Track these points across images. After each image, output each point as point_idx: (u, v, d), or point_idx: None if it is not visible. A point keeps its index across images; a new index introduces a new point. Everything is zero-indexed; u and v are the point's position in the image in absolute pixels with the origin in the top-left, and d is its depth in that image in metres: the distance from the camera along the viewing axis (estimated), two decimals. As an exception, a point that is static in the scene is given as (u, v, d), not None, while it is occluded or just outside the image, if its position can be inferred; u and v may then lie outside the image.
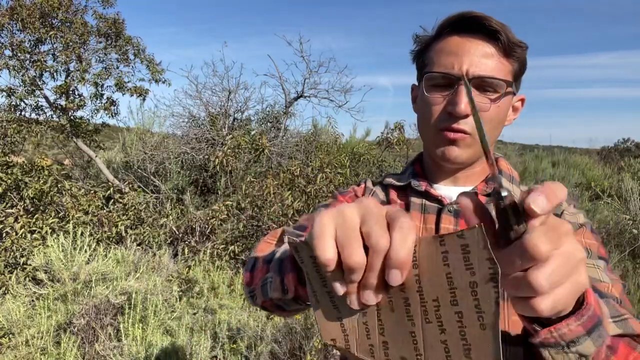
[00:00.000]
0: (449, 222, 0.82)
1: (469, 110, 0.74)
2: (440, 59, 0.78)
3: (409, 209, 0.86)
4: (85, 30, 5.23)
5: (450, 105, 0.76)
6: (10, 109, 5.33)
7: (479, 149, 0.79)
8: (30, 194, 4.26)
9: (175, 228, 4.59)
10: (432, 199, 0.85)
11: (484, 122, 0.76)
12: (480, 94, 0.77)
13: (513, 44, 0.77)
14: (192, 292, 3.61)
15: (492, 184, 0.84)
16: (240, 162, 5.20)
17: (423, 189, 0.85)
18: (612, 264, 3.65)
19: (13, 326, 3.02)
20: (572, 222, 0.79)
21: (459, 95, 0.75)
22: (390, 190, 0.93)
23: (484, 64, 0.76)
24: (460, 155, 0.79)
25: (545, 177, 8.09)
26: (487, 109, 0.77)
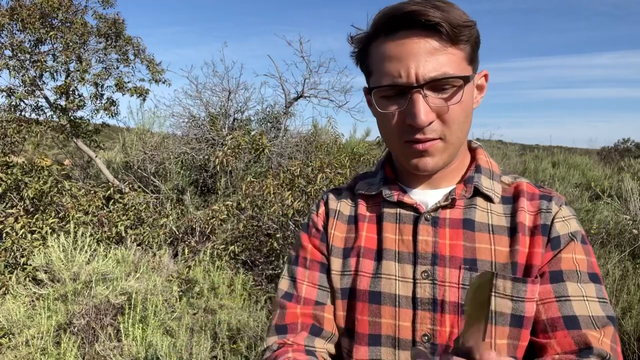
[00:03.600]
0: (426, 232, 0.76)
1: (431, 117, 0.69)
2: (385, 67, 0.70)
3: (381, 220, 0.80)
4: (85, 30, 5.23)
5: (409, 118, 0.69)
6: (10, 109, 5.33)
7: (455, 146, 0.74)
8: (30, 194, 4.26)
9: (175, 228, 4.59)
10: (407, 207, 0.79)
11: (448, 123, 0.70)
12: (437, 95, 0.70)
13: (458, 29, 0.68)
14: (192, 292, 3.61)
15: (470, 185, 0.78)
16: (240, 162, 5.20)
17: (395, 199, 0.79)
18: (612, 264, 3.65)
19: (13, 326, 3.02)
20: (562, 234, 0.73)
21: (415, 106, 0.68)
22: (360, 200, 0.85)
23: (433, 62, 0.68)
24: (436, 163, 0.73)
25: (545, 177, 8.09)
26: (447, 110, 0.70)
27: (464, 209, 0.77)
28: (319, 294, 0.81)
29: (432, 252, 0.74)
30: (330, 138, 6.91)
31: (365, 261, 0.78)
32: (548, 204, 0.77)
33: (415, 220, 0.77)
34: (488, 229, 0.75)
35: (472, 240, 0.74)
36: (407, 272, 0.74)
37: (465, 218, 0.76)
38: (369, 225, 0.81)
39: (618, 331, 0.73)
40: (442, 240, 0.75)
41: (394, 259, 0.76)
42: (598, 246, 4.32)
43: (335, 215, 0.85)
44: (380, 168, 0.88)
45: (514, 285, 0.70)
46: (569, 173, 8.47)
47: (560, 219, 0.75)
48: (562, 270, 0.71)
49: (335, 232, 0.83)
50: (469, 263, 0.73)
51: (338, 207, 0.86)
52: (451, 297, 0.71)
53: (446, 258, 0.73)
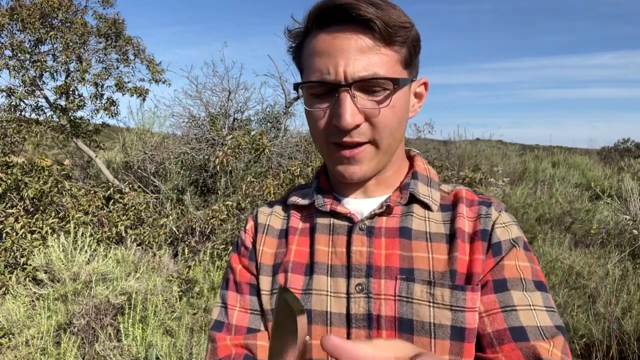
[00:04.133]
0: (361, 243, 0.71)
1: (358, 119, 0.64)
2: (314, 63, 0.66)
3: (314, 232, 0.75)
4: (85, 30, 5.23)
5: (335, 118, 0.65)
6: (10, 109, 5.33)
7: (385, 153, 0.70)
8: (30, 194, 4.26)
9: (175, 228, 4.59)
10: (341, 217, 0.75)
11: (379, 127, 0.66)
12: (368, 97, 0.65)
13: (393, 29, 0.64)
14: (192, 292, 3.61)
15: (406, 192, 0.74)
16: (240, 162, 5.20)
17: (328, 208, 0.75)
18: (612, 264, 3.65)
19: (13, 326, 3.02)
20: (503, 240, 0.69)
21: (342, 106, 0.64)
22: (293, 212, 0.81)
23: (363, 61, 0.63)
24: (364, 172, 0.69)
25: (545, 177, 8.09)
26: (377, 114, 0.65)
27: (400, 217, 0.73)
28: (251, 319, 0.76)
29: (366, 264, 0.69)
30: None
31: (294, 277, 0.73)
32: (487, 210, 0.73)
33: (349, 231, 0.73)
34: (426, 237, 0.71)
35: (408, 249, 0.70)
36: (340, 286, 0.70)
37: (401, 226, 0.72)
38: (300, 238, 0.77)
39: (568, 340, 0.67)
40: (377, 251, 0.70)
41: (325, 273, 0.71)
42: (598, 246, 4.32)
43: (265, 230, 0.80)
44: (315, 178, 0.83)
45: (452, 293, 0.66)
46: (569, 173, 8.47)
47: (501, 224, 0.72)
48: (505, 278, 0.67)
49: (264, 248, 0.78)
50: (406, 273, 0.68)
51: (268, 222, 0.81)
52: (387, 311, 0.66)
53: (382, 269, 0.69)
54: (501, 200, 5.66)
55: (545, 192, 5.33)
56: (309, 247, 0.75)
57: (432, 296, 0.66)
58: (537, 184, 6.78)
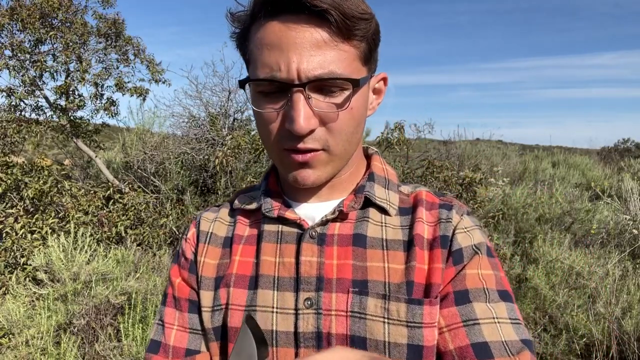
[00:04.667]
0: (311, 252, 0.64)
1: (313, 124, 0.58)
2: (263, 57, 0.58)
3: (260, 241, 0.68)
4: (85, 30, 5.23)
5: (288, 122, 0.58)
6: (10, 109, 5.33)
7: (341, 159, 0.64)
8: (30, 194, 4.26)
9: (175, 228, 4.59)
10: (290, 224, 0.68)
11: (334, 132, 0.60)
12: (324, 99, 0.59)
13: (352, 20, 0.57)
14: (192, 292, 3.61)
15: (361, 196, 0.67)
16: (240, 162, 5.20)
17: (275, 214, 0.68)
18: (612, 264, 3.65)
19: (13, 326, 3.02)
20: (465, 246, 0.64)
21: (295, 109, 0.57)
22: (239, 217, 0.74)
23: (319, 57, 0.56)
24: (318, 177, 0.63)
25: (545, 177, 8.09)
26: (335, 118, 0.59)
27: (355, 223, 0.67)
28: (190, 339, 0.68)
29: (316, 275, 0.63)
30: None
31: (237, 291, 0.66)
32: (448, 213, 0.67)
33: (298, 239, 0.66)
34: (382, 244, 0.65)
35: (362, 258, 0.64)
36: (287, 301, 0.63)
37: (355, 233, 0.66)
38: (245, 247, 0.70)
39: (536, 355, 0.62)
40: (328, 261, 0.64)
41: (272, 287, 0.64)
42: (598, 246, 4.32)
43: (207, 238, 0.73)
44: (263, 179, 0.76)
45: (408, 308, 0.60)
46: (569, 173, 8.47)
47: (462, 229, 0.66)
48: (467, 289, 0.61)
49: (206, 259, 0.71)
50: (359, 285, 0.62)
51: (211, 229, 0.74)
52: (338, 328, 0.60)
53: (333, 281, 0.62)
54: (501, 200, 5.66)
55: (545, 192, 5.33)
56: (254, 257, 0.68)
57: (387, 311, 0.60)
58: (537, 184, 6.78)
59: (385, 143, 6.23)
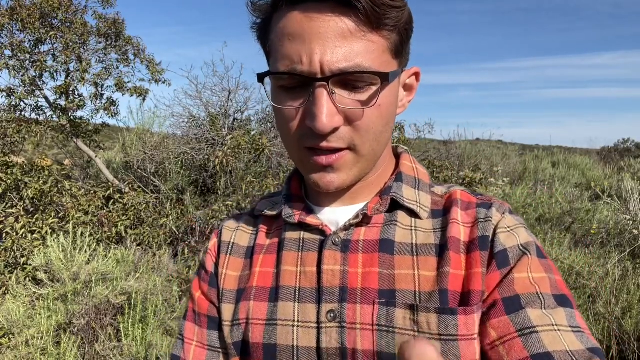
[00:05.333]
0: (333, 260, 0.59)
1: (337, 122, 0.53)
2: (284, 48, 0.54)
3: (282, 249, 0.64)
4: (85, 30, 5.23)
5: (309, 119, 0.54)
6: (10, 109, 5.33)
7: (368, 160, 0.59)
8: (30, 194, 4.26)
9: (175, 228, 4.59)
10: (312, 230, 0.63)
11: (361, 131, 0.55)
12: (349, 95, 0.54)
13: (382, 8, 0.52)
14: (192, 292, 3.61)
15: (387, 197, 0.62)
16: (240, 162, 5.20)
17: (296, 219, 0.63)
18: (612, 264, 3.65)
19: (13, 326, 3.02)
20: (510, 247, 0.57)
21: (317, 105, 0.52)
22: (262, 225, 0.69)
23: (344, 49, 0.52)
24: (343, 181, 0.58)
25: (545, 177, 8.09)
26: (360, 116, 0.54)
27: (382, 228, 0.61)
28: (208, 356, 0.65)
29: (339, 285, 0.58)
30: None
31: (257, 305, 0.62)
32: (487, 212, 0.60)
33: (320, 246, 0.61)
34: (411, 250, 0.59)
35: (390, 266, 0.58)
36: (309, 314, 0.58)
37: (382, 238, 0.60)
38: (265, 257, 0.65)
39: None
40: (352, 269, 0.58)
41: (292, 299, 0.60)
42: (598, 246, 4.32)
43: (229, 249, 0.69)
44: (286, 183, 0.71)
45: (439, 319, 0.53)
46: (569, 173, 8.48)
47: (505, 228, 0.59)
48: (518, 294, 0.54)
49: (228, 271, 0.67)
50: (386, 295, 0.56)
51: (232, 239, 0.70)
52: (364, 343, 0.55)
53: (357, 292, 0.57)
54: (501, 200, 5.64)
55: (545, 192, 5.33)
56: (274, 267, 0.64)
57: (417, 324, 0.54)
58: (537, 184, 6.79)
59: (385, 143, 6.22)
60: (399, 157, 0.70)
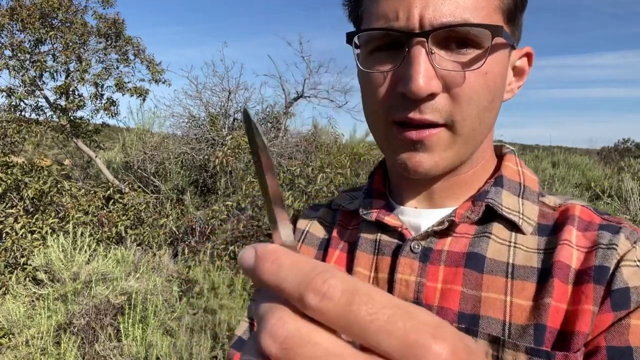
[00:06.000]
0: (409, 269, 0.51)
1: (434, 86, 0.45)
2: (380, 6, 0.48)
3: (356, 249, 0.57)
4: (85, 30, 5.23)
5: (402, 83, 0.46)
6: (10, 109, 5.33)
7: (467, 142, 0.50)
8: (30, 194, 4.26)
9: (175, 228, 4.59)
10: (390, 232, 0.55)
11: (461, 101, 0.47)
12: (451, 56, 0.47)
13: None
14: (192, 292, 3.61)
15: (481, 203, 0.53)
16: (240, 162, 5.20)
17: (373, 217, 0.56)
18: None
19: (13, 326, 3.02)
20: (634, 286, 0.45)
21: (413, 64, 0.45)
22: (340, 219, 0.63)
23: (449, 3, 0.45)
24: (435, 164, 0.49)
25: (545, 177, 8.10)
26: (461, 81, 0.46)
27: (472, 239, 0.52)
28: None
29: (413, 299, 0.50)
30: (330, 138, 6.92)
31: None
32: (612, 237, 0.48)
33: (396, 251, 0.54)
34: (506, 270, 0.49)
35: (476, 285, 0.49)
36: None
37: (470, 252, 0.51)
38: (340, 254, 0.59)
39: None
40: (431, 283, 0.51)
41: None
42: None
43: (302, 237, 0.64)
44: (369, 177, 0.65)
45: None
46: (569, 173, 8.48)
47: (633, 262, 0.46)
48: (630, 346, 0.43)
49: None
50: (467, 321, 0.48)
51: (307, 228, 0.65)
52: None
53: (432, 310, 0.49)
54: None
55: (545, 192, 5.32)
56: (347, 266, 0.58)
57: None
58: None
59: (385, 143, 6.24)
60: (501, 158, 0.60)
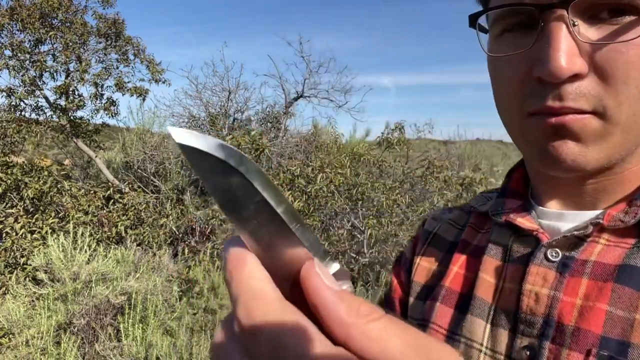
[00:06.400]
0: (542, 279, 0.43)
1: (577, 66, 0.37)
2: None
3: (484, 253, 0.51)
4: (85, 30, 5.23)
5: (537, 65, 0.39)
6: (10, 109, 5.33)
7: (625, 133, 0.40)
8: (30, 194, 4.26)
9: (175, 228, 4.59)
10: (524, 236, 0.47)
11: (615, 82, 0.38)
12: (599, 26, 0.38)
13: None
14: (192, 292, 3.61)
15: (638, 206, 0.42)
16: (240, 162, 5.20)
17: (504, 219, 0.49)
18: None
19: (13, 326, 3.02)
20: None
21: (551, 41, 0.38)
22: (473, 221, 0.57)
23: None
24: (583, 155, 0.40)
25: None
26: (615, 59, 0.37)
27: (629, 250, 0.42)
28: None
29: (543, 315, 0.42)
30: (330, 138, 6.92)
31: (442, 309, 0.51)
32: None
33: (527, 259, 0.45)
34: None
35: (630, 305, 0.39)
36: (501, 342, 0.45)
37: (624, 264, 0.41)
38: (468, 257, 0.53)
39: None
40: (568, 298, 0.42)
41: (485, 317, 0.47)
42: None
43: (429, 238, 0.60)
44: (507, 175, 0.57)
45: None
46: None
47: None
48: None
49: (422, 261, 0.58)
50: (612, 348, 0.38)
51: (435, 229, 0.60)
52: None
53: (567, 330, 0.41)
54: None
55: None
56: (474, 272, 0.51)
57: None
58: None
59: (385, 143, 6.23)
60: None
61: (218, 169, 0.20)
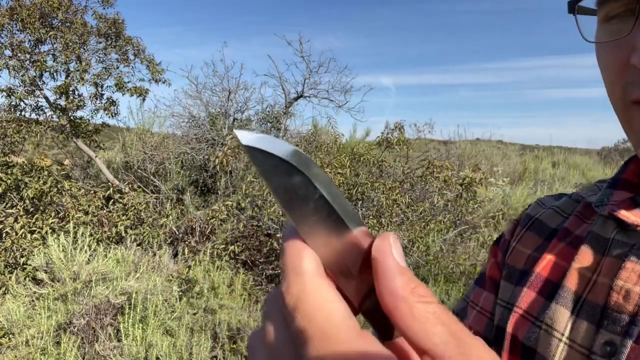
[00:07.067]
0: (636, 276, 0.42)
1: None
2: None
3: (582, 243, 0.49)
4: (85, 30, 5.23)
5: (634, 53, 0.38)
6: (10, 109, 5.33)
7: None
8: (30, 194, 4.26)
9: (175, 228, 4.59)
10: (629, 230, 0.45)
11: None
12: None
13: None
14: (192, 292, 3.61)
15: None
16: (240, 162, 5.20)
17: (606, 211, 0.47)
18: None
19: (13, 326, 3.02)
20: None
21: None
22: (579, 210, 0.55)
23: None
24: None
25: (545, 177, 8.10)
26: None
27: None
28: (488, 326, 0.56)
29: (631, 314, 0.41)
30: (330, 138, 6.92)
31: (530, 295, 0.50)
32: None
33: (626, 254, 0.44)
34: None
35: None
36: (582, 334, 0.44)
37: None
38: (564, 248, 0.51)
39: None
40: None
41: (570, 307, 0.46)
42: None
43: (529, 223, 0.58)
44: (622, 165, 0.54)
45: None
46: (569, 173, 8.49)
47: None
48: None
49: (518, 245, 0.57)
50: None
51: (538, 214, 0.58)
52: None
53: None
54: (501, 200, 5.65)
55: (546, 192, 5.33)
56: (568, 261, 0.50)
57: None
58: (537, 184, 6.79)
59: (385, 143, 6.23)
60: None
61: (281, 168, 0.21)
